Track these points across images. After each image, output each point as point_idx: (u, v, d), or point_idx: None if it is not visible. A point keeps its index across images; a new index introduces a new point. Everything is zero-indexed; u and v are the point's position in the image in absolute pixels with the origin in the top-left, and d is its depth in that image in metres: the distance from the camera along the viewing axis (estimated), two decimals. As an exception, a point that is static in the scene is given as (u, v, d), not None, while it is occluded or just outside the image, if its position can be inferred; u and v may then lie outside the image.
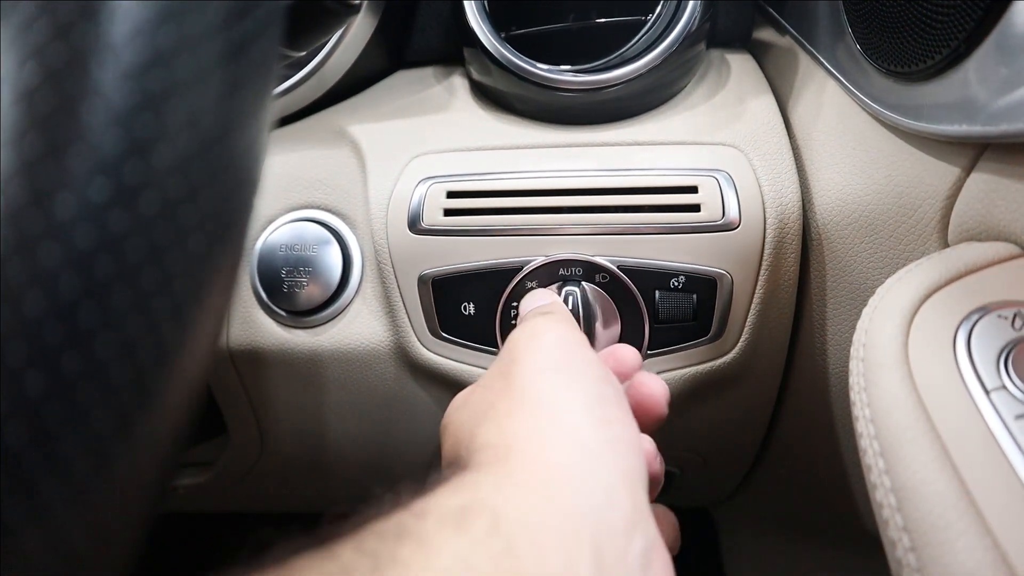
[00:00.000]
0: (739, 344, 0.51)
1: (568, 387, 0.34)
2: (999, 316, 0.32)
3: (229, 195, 0.18)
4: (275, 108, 0.58)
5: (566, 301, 0.50)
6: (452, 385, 0.55)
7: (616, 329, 0.52)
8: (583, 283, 0.51)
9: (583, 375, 0.35)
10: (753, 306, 0.50)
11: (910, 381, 0.31)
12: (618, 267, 0.50)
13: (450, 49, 0.63)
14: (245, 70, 0.19)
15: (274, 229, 0.54)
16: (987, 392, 0.30)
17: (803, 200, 0.49)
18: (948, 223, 0.41)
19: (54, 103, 0.15)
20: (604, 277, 0.50)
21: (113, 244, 0.16)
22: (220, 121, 0.18)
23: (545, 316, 0.41)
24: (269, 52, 0.20)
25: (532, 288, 0.51)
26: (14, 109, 0.15)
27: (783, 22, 0.60)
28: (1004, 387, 0.30)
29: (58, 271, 0.15)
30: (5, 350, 0.15)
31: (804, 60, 0.56)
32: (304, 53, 0.41)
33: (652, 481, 0.40)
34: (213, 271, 0.18)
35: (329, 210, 0.55)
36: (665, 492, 0.65)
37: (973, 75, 0.37)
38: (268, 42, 0.20)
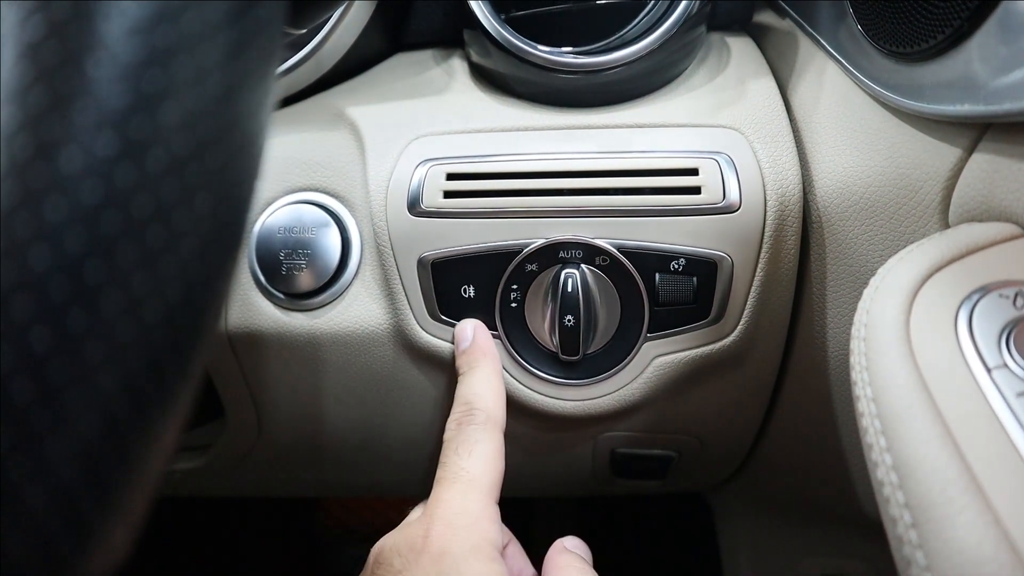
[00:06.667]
0: (739, 327, 0.51)
1: None
2: (1000, 295, 0.32)
3: (235, 155, 0.18)
4: (274, 93, 0.58)
5: (565, 284, 0.50)
6: (451, 368, 0.55)
7: (616, 313, 0.52)
8: (582, 266, 0.50)
9: None
10: (753, 289, 0.50)
11: (912, 360, 0.31)
12: (618, 249, 0.50)
13: (449, 31, 0.62)
14: (252, 30, 0.18)
15: (272, 211, 0.54)
16: (988, 370, 0.30)
17: (804, 182, 0.49)
18: (949, 204, 0.41)
19: (59, 57, 0.15)
20: (604, 260, 0.50)
21: (120, 199, 0.16)
22: (227, 79, 0.18)
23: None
24: (275, 13, 0.20)
25: (532, 270, 0.51)
26: (19, 63, 0.15)
27: (783, 5, 0.60)
28: (1005, 365, 0.30)
29: (64, 225, 0.15)
30: (10, 305, 0.15)
31: (804, 43, 0.55)
32: (304, 31, 0.41)
33: None
34: (219, 232, 0.18)
35: (328, 192, 0.55)
36: (661, 477, 0.65)
37: (976, 54, 0.37)
38: (274, 3, 0.19)
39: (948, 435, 0.28)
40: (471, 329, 0.53)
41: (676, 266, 0.50)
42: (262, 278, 0.54)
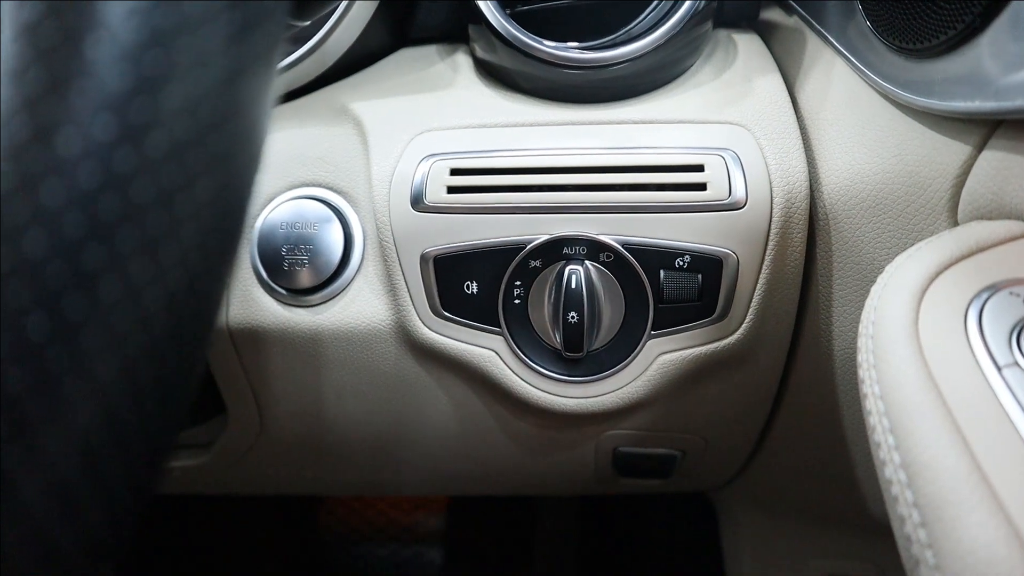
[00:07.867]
0: (744, 325, 0.51)
1: None
2: (1011, 293, 0.32)
3: (237, 141, 0.18)
4: (277, 83, 0.58)
5: (569, 280, 0.50)
6: (453, 365, 0.55)
7: (620, 310, 0.51)
8: (586, 262, 0.50)
9: None
10: (759, 286, 0.50)
11: (921, 357, 0.31)
12: (623, 246, 0.49)
13: (454, 26, 0.62)
14: (255, 13, 0.18)
15: (274, 207, 0.54)
16: (999, 369, 0.30)
17: (810, 179, 0.49)
18: (958, 202, 0.40)
19: (58, 37, 0.15)
20: (608, 256, 0.50)
21: (119, 184, 0.15)
22: (229, 64, 0.17)
23: None
24: None
25: (536, 266, 0.51)
26: (16, 44, 0.15)
27: (791, 2, 0.59)
28: (1016, 364, 0.30)
29: (62, 210, 0.15)
30: (6, 291, 0.14)
31: (812, 39, 0.55)
32: (309, 24, 0.41)
33: None
34: (220, 219, 0.18)
35: (330, 188, 0.54)
36: (666, 476, 0.65)
37: (987, 50, 0.36)
38: None
39: (958, 433, 0.28)
40: None
41: (681, 263, 0.50)
42: (264, 273, 0.54)
